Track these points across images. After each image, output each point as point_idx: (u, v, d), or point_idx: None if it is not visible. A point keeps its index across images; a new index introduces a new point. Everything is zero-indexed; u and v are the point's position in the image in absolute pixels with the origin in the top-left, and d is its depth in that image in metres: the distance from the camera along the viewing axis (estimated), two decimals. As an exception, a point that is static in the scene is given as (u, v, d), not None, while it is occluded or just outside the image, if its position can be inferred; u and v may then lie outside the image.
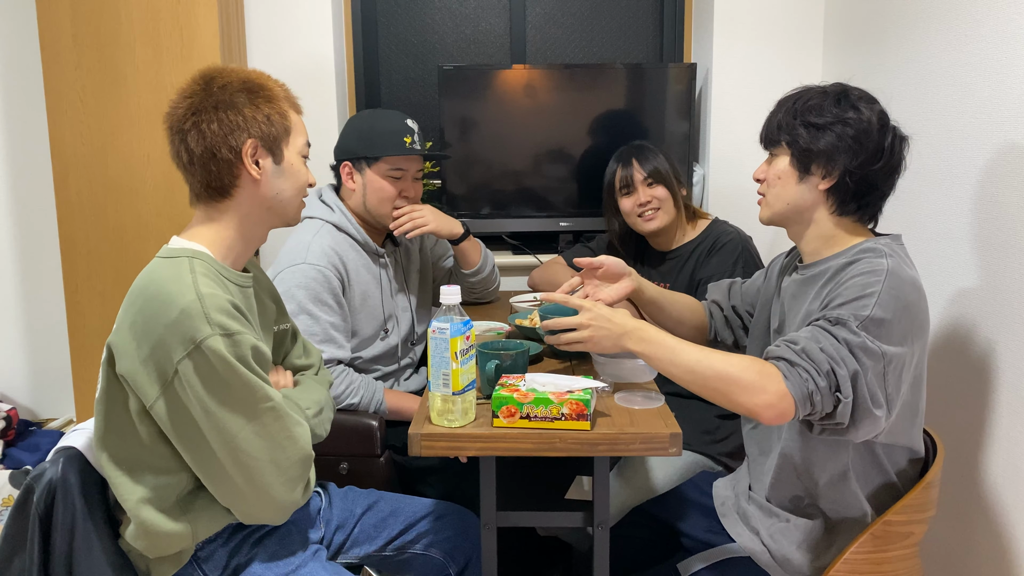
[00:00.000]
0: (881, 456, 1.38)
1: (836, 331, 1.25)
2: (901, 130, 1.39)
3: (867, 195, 1.38)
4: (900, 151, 1.38)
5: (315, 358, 1.55)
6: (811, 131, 1.37)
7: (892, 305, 1.26)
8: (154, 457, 1.23)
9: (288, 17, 2.55)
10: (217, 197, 1.29)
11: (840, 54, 2.44)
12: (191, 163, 1.28)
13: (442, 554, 1.53)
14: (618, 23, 2.91)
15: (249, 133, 1.27)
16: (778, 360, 1.27)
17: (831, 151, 1.35)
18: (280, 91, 1.33)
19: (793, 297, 1.46)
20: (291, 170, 1.33)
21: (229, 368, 1.16)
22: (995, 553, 1.63)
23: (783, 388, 1.23)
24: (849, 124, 1.35)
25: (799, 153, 1.39)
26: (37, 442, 2.54)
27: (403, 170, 1.91)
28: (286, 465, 1.24)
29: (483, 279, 2.17)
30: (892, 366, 1.26)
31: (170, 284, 1.18)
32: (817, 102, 1.38)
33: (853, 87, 1.40)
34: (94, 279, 2.37)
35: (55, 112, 2.31)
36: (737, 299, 1.70)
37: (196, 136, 1.26)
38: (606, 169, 2.17)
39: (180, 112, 1.27)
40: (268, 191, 1.31)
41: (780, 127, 1.41)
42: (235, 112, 1.26)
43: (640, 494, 1.90)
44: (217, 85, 1.27)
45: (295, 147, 1.34)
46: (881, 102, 1.40)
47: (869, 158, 1.35)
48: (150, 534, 1.23)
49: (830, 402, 1.24)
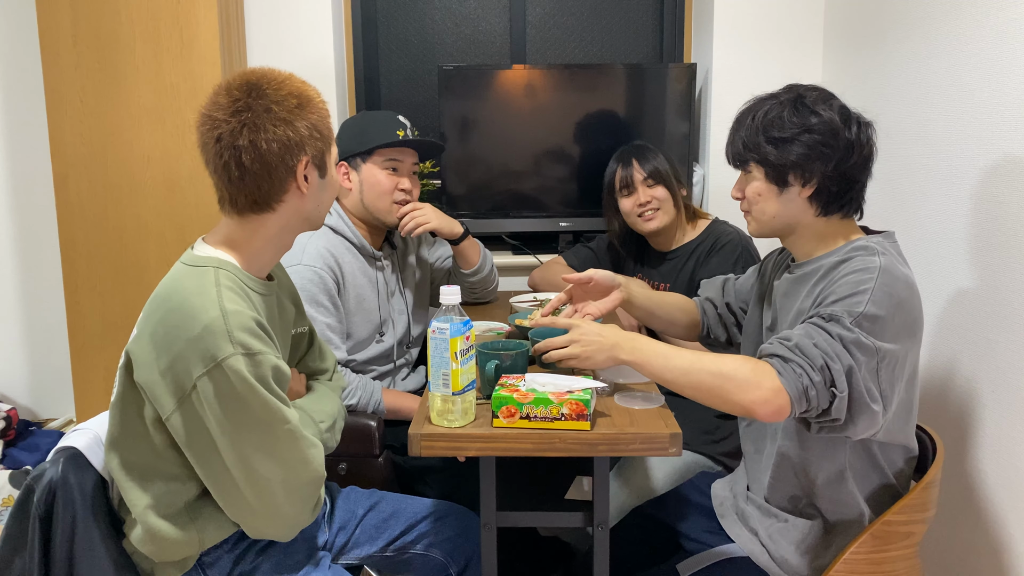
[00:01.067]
0: (878, 455, 1.38)
1: (830, 327, 1.25)
2: (863, 116, 1.38)
3: (849, 191, 1.37)
4: (868, 138, 1.37)
5: (330, 362, 1.55)
6: (778, 146, 1.36)
7: (885, 302, 1.26)
8: (165, 464, 1.23)
9: (288, 17, 2.55)
10: (259, 211, 1.26)
11: (840, 54, 2.44)
12: (241, 178, 1.22)
13: (443, 554, 1.53)
14: (618, 23, 2.91)
15: (305, 151, 1.25)
16: (771, 357, 1.27)
17: (803, 161, 1.35)
18: (320, 100, 1.29)
19: (785, 295, 1.46)
20: (332, 182, 1.33)
21: (249, 388, 1.15)
22: (995, 553, 1.63)
23: (778, 384, 1.23)
24: (814, 130, 1.34)
25: (772, 169, 1.38)
26: (37, 442, 2.54)
27: (398, 161, 1.92)
28: (298, 486, 1.23)
29: (482, 279, 2.18)
30: (885, 362, 1.26)
31: (194, 297, 1.16)
32: (776, 114, 1.37)
33: (806, 88, 1.39)
34: (94, 279, 2.37)
35: (55, 112, 2.30)
36: (731, 296, 1.70)
37: (253, 153, 1.21)
38: (606, 169, 2.17)
39: (232, 126, 1.21)
40: (311, 204, 1.30)
41: (746, 146, 1.40)
42: (292, 129, 1.22)
43: (640, 494, 1.90)
44: (272, 100, 1.22)
45: (334, 157, 1.33)
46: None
47: (843, 156, 1.34)
48: (157, 540, 1.23)
49: (826, 397, 1.24)
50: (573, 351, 1.38)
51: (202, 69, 2.27)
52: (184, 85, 2.27)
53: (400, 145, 1.90)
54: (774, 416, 1.24)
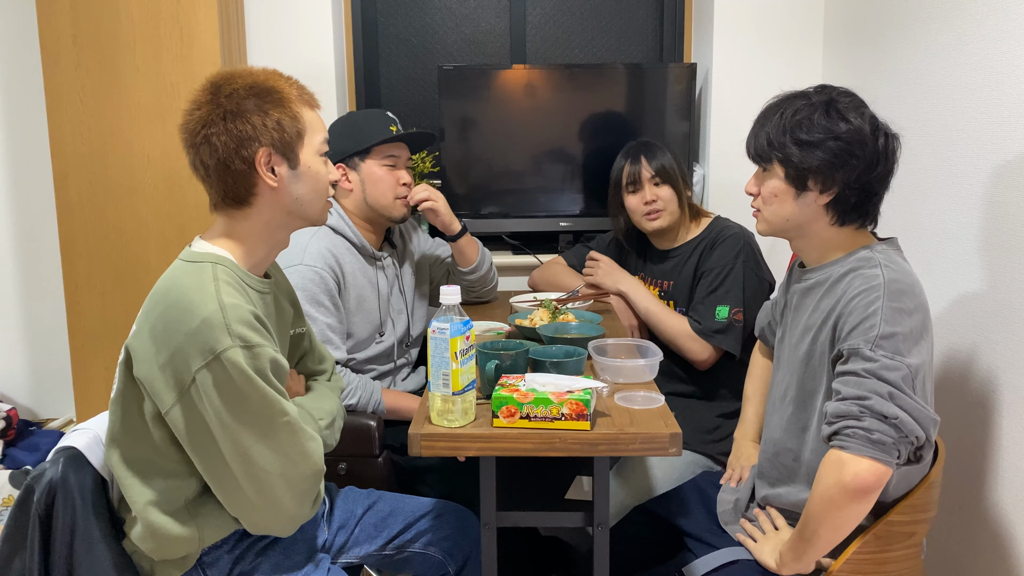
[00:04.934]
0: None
1: (852, 366, 1.26)
2: (890, 128, 1.36)
3: (867, 202, 1.36)
4: (894, 151, 1.35)
5: (328, 363, 1.55)
6: (803, 148, 1.32)
7: (896, 318, 1.26)
8: (165, 461, 1.23)
9: (288, 17, 2.55)
10: (237, 206, 1.27)
11: (840, 54, 2.43)
12: (207, 175, 1.25)
13: (441, 553, 1.53)
14: (618, 23, 2.91)
15: (260, 142, 1.23)
16: (829, 441, 1.28)
17: (827, 167, 1.32)
18: (291, 90, 1.27)
19: (795, 309, 1.46)
20: (309, 173, 1.29)
21: (247, 380, 1.16)
22: (995, 553, 1.63)
23: (862, 463, 1.22)
24: (842, 138, 1.31)
25: (794, 171, 1.34)
26: (37, 442, 2.54)
27: (395, 156, 1.94)
28: (297, 480, 1.23)
29: (481, 277, 2.18)
30: (917, 377, 1.26)
31: (192, 292, 1.17)
32: (806, 115, 1.33)
33: (839, 92, 1.36)
34: (94, 279, 2.37)
35: (55, 112, 2.30)
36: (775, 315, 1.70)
37: (208, 149, 1.23)
38: (613, 165, 2.17)
39: (192, 124, 1.24)
40: (287, 197, 1.28)
41: (770, 143, 1.36)
42: (243, 121, 1.22)
43: (640, 494, 1.90)
44: (224, 94, 1.23)
45: (311, 147, 1.29)
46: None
47: (867, 167, 1.32)
48: (157, 536, 1.23)
49: (890, 431, 1.23)
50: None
51: (202, 69, 2.26)
52: (184, 85, 2.27)
53: (396, 140, 1.93)
54: (882, 482, 1.24)
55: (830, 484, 1.25)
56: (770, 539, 1.43)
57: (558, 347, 1.56)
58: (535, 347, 1.52)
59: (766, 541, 1.43)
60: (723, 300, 1.97)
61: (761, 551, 1.42)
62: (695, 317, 2.00)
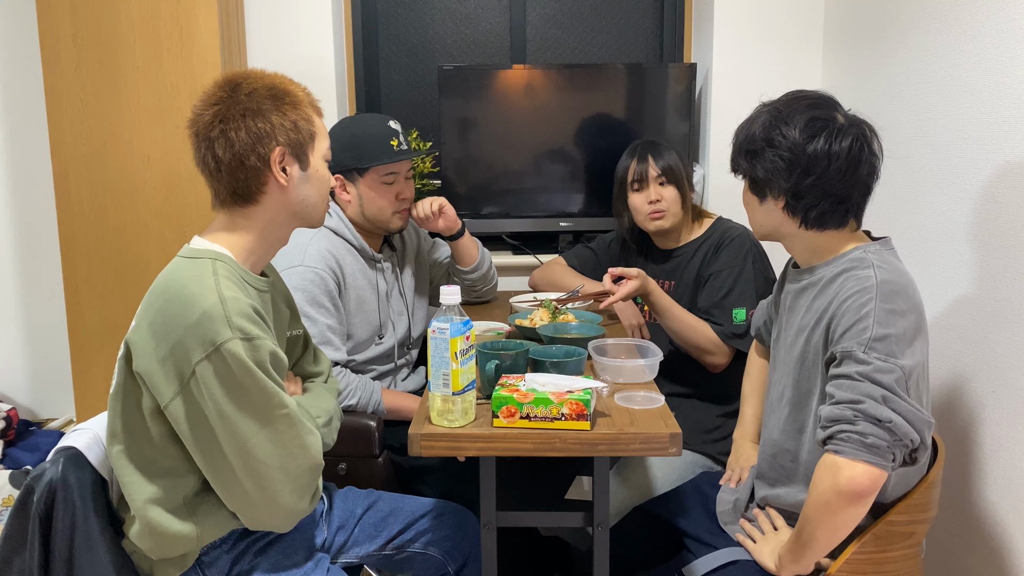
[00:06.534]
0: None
1: (846, 369, 1.26)
2: (840, 125, 1.33)
3: (821, 203, 1.34)
4: (847, 151, 1.31)
5: (324, 365, 1.55)
6: (749, 159, 1.39)
7: (889, 319, 1.26)
8: (164, 457, 1.23)
9: (288, 17, 2.55)
10: (243, 203, 1.28)
11: (840, 54, 2.44)
12: (218, 170, 1.26)
13: (441, 552, 1.53)
14: (618, 23, 2.91)
15: (277, 140, 1.26)
16: (823, 446, 1.28)
17: (770, 176, 1.36)
18: (304, 96, 1.31)
19: (790, 310, 1.47)
20: (316, 175, 1.33)
21: (247, 372, 1.16)
22: (995, 553, 1.63)
23: (857, 467, 1.23)
24: (776, 145, 1.34)
25: (750, 181, 1.42)
26: (37, 442, 2.54)
27: (395, 173, 1.92)
28: (296, 473, 1.24)
29: (481, 276, 2.18)
30: (911, 379, 1.26)
31: (192, 285, 1.18)
32: (752, 127, 1.39)
33: (792, 98, 1.38)
34: (94, 279, 2.37)
35: (55, 112, 2.30)
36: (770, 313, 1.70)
37: (224, 144, 1.24)
38: (618, 164, 2.16)
39: (207, 119, 1.25)
40: (295, 197, 1.31)
41: (734, 155, 1.44)
42: (263, 119, 1.25)
43: (640, 494, 1.90)
44: (244, 92, 1.25)
45: (319, 152, 1.33)
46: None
47: (803, 172, 1.33)
48: (156, 534, 1.23)
49: (884, 434, 1.23)
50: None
51: (202, 69, 2.27)
52: (184, 85, 2.27)
53: (396, 160, 1.89)
54: (877, 486, 1.25)
55: (825, 488, 1.26)
56: (769, 540, 1.43)
57: (558, 347, 1.57)
58: (535, 347, 1.52)
59: (765, 542, 1.43)
60: (739, 302, 1.95)
61: (760, 552, 1.42)
62: (716, 320, 1.96)
